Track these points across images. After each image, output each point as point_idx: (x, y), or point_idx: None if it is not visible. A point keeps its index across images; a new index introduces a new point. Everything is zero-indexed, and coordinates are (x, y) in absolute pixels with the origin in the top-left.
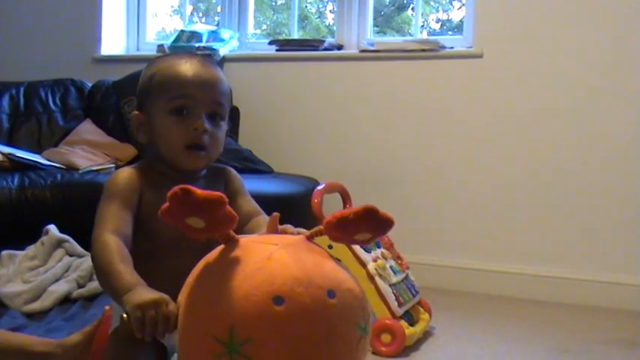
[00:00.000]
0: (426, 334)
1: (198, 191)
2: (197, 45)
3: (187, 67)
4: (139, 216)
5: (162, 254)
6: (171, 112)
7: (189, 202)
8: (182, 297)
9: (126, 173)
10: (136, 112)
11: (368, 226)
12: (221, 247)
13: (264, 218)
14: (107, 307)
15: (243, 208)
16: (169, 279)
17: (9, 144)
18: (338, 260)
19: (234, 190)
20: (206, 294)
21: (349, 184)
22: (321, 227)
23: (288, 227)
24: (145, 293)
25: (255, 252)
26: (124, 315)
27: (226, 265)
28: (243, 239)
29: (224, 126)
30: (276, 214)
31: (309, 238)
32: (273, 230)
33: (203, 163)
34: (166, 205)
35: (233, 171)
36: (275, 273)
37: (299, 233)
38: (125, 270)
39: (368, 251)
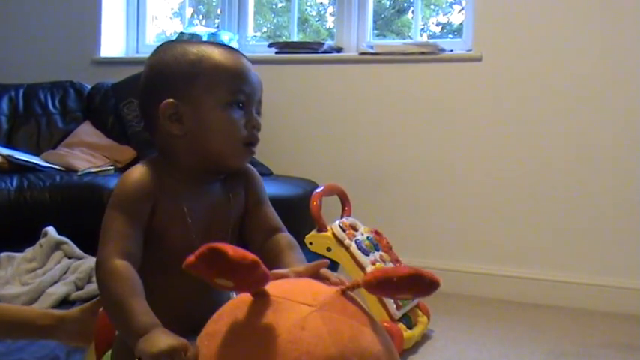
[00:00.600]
0: (424, 337)
1: (230, 252)
2: None
3: (241, 62)
4: (150, 224)
5: (174, 264)
6: (230, 106)
7: (219, 265)
8: (204, 347)
9: (137, 177)
10: (171, 100)
11: (412, 287)
12: (249, 300)
13: (286, 239)
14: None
15: (265, 220)
16: (181, 290)
17: (8, 146)
18: (375, 322)
19: (256, 198)
20: None
21: (348, 186)
22: (359, 281)
23: (330, 274)
24: (161, 339)
25: (288, 315)
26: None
27: (256, 330)
28: (274, 292)
29: None
30: (324, 261)
31: (345, 292)
32: (312, 274)
33: (249, 161)
34: (193, 260)
35: (255, 173)
36: (309, 350)
37: (338, 283)
38: (138, 307)
39: (367, 254)
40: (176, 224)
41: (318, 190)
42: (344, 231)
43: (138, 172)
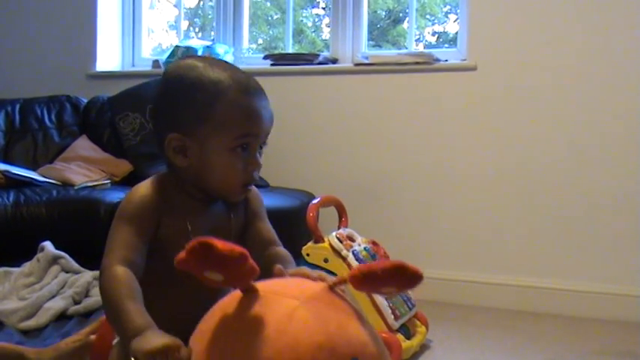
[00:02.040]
0: (423, 347)
1: (219, 246)
2: None
3: (254, 102)
4: (156, 239)
5: (178, 277)
6: (234, 150)
7: (209, 258)
8: (195, 345)
9: (143, 192)
10: (177, 135)
11: (395, 281)
12: (239, 295)
13: (282, 253)
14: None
15: (261, 234)
16: (185, 303)
17: (4, 161)
18: (361, 315)
19: (253, 212)
20: (223, 352)
21: (345, 197)
22: (345, 277)
23: (325, 276)
24: (155, 339)
25: (276, 308)
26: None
27: (245, 322)
28: (263, 289)
29: None
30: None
31: (332, 288)
32: (305, 275)
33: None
34: (183, 256)
35: (255, 191)
36: (297, 338)
37: (322, 279)
38: (134, 309)
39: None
40: (179, 239)
41: (315, 201)
42: (341, 242)
43: (145, 186)
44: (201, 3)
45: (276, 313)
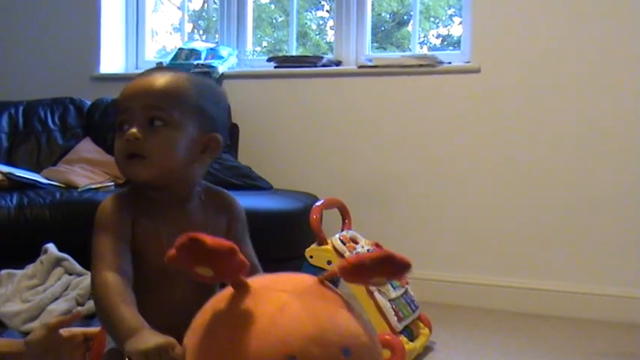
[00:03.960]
0: (426, 349)
1: (208, 240)
2: (196, 62)
3: (129, 84)
4: (132, 244)
5: (157, 281)
6: (119, 130)
7: (198, 253)
8: (189, 342)
9: (115, 202)
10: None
11: (384, 270)
12: (230, 291)
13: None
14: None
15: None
16: (166, 306)
17: (8, 163)
18: (353, 308)
19: (236, 236)
20: (216, 347)
21: (348, 199)
22: (335, 270)
23: None
24: (148, 338)
25: (267, 302)
26: None
27: (237, 316)
28: (254, 284)
29: (168, 132)
30: None
31: (322, 281)
32: None
33: (146, 171)
34: (173, 252)
35: (236, 203)
36: (288, 330)
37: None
38: (127, 312)
39: None
40: (152, 243)
41: (318, 203)
42: (344, 244)
43: (115, 198)
44: (206, 5)
45: (268, 307)
